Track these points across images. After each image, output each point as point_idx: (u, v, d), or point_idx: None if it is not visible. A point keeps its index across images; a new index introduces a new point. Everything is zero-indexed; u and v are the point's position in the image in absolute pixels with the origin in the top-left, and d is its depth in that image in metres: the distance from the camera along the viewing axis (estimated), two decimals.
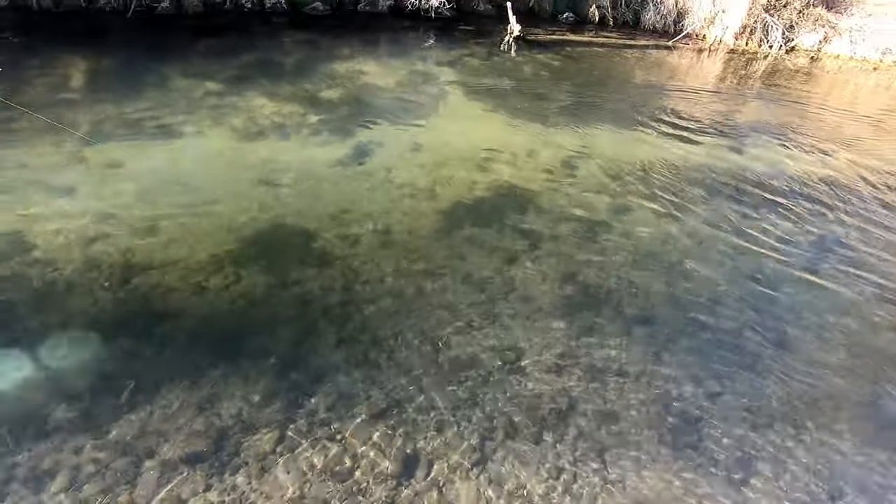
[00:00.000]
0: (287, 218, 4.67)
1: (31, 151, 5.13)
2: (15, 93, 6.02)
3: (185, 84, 6.64)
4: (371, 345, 3.64)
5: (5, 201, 4.49)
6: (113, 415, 3.04)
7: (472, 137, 6.22)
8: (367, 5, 9.19)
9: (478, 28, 9.38)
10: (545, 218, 5.04)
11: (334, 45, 8.19)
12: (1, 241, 4.08)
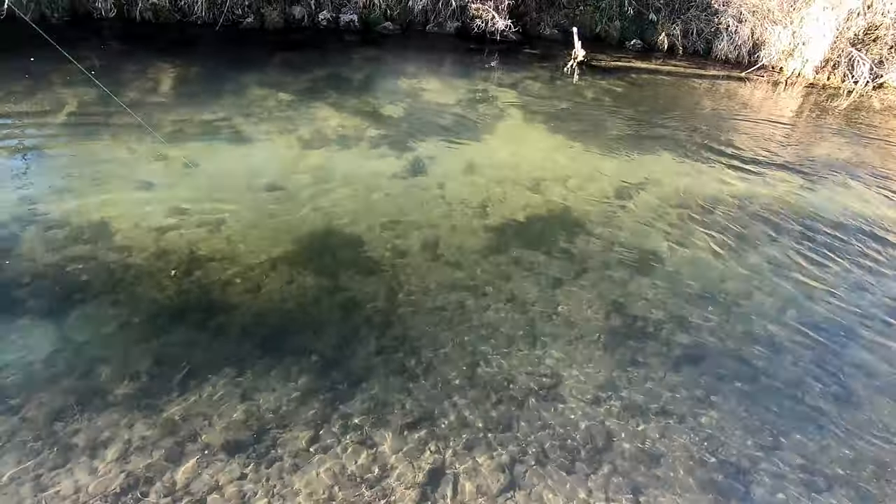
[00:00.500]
0: (340, 224, 4.84)
1: (119, 147, 5.63)
2: (117, 94, 6.64)
3: (260, 93, 7.08)
4: (409, 355, 3.68)
5: (94, 191, 4.94)
6: (165, 396, 3.24)
7: (528, 158, 6.23)
8: (435, 27, 9.48)
9: (542, 52, 9.44)
10: (596, 245, 4.94)
11: (400, 63, 8.49)
12: (87, 227, 4.48)
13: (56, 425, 3.02)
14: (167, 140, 5.77)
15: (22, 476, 2.76)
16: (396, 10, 9.32)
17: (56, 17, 8.18)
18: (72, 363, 3.37)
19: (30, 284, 3.90)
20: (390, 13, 9.34)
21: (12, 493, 2.69)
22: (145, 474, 2.83)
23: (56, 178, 5.10)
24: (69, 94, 6.57)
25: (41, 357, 3.37)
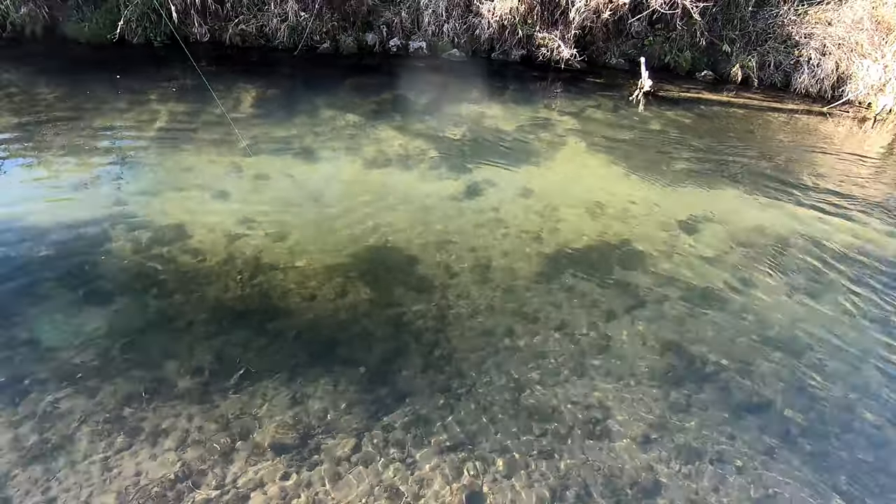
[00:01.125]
0: (396, 241, 4.98)
1: (201, 158, 6.11)
2: (202, 110, 7.26)
3: (331, 114, 7.48)
4: (455, 375, 3.69)
5: (175, 197, 5.37)
6: (222, 393, 3.43)
7: (587, 187, 6.15)
8: (500, 54, 9.67)
9: (607, 81, 9.37)
10: (654, 279, 4.77)
11: (464, 89, 8.70)
12: (167, 229, 4.88)
13: (126, 410, 3.26)
14: (244, 155, 6.20)
15: (93, 455, 2.99)
16: (464, 38, 9.61)
17: (158, 40, 9.09)
18: (144, 353, 3.64)
19: (116, 278, 4.28)
20: (457, 41, 9.64)
21: (84, 470, 2.92)
22: (199, 466, 2.99)
23: (145, 184, 5.61)
24: (162, 109, 7.25)
25: (118, 345, 3.68)
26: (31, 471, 2.91)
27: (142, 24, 8.97)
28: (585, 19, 9.08)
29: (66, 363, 3.52)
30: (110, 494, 2.82)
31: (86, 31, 8.97)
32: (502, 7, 9.05)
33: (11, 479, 2.86)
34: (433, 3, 9.36)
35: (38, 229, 4.76)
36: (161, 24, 9.01)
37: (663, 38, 9.62)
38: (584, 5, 8.90)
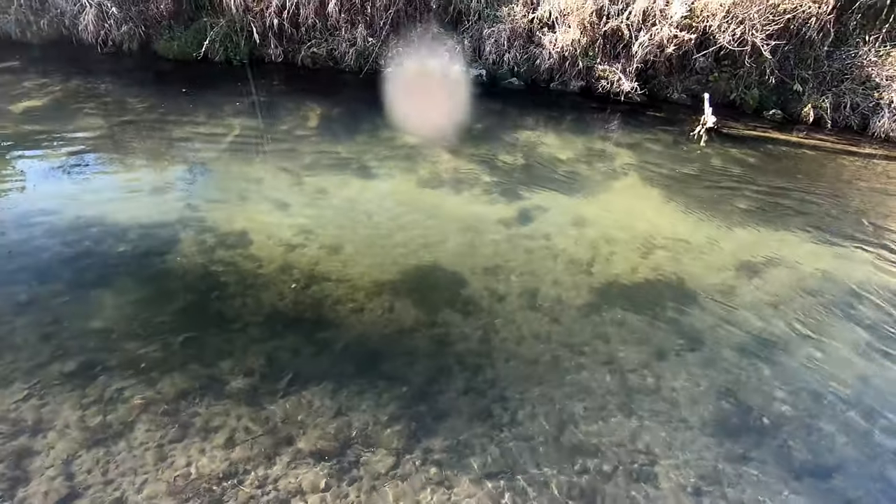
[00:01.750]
0: (445, 262, 5.03)
1: (267, 170, 6.45)
2: (271, 126, 7.70)
3: (389, 134, 7.74)
4: (497, 401, 3.65)
5: (240, 205, 5.68)
6: (271, 397, 3.54)
7: (641, 221, 6.02)
8: (559, 85, 9.73)
9: (668, 115, 9.21)
10: (709, 321, 4.57)
11: (521, 117, 8.80)
12: (231, 235, 5.15)
13: (181, 403, 3.43)
14: (306, 169, 6.51)
15: (149, 442, 3.15)
16: (523, 67, 9.76)
17: (237, 60, 9.77)
18: (202, 350, 3.83)
19: (182, 277, 4.55)
20: (517, 70, 9.80)
21: (139, 456, 3.08)
22: (244, 465, 3.08)
23: (214, 191, 5.97)
24: (235, 123, 7.73)
25: (180, 340, 3.89)
26: (94, 451, 3.09)
27: (224, 44, 9.68)
28: (648, 53, 9.02)
29: (132, 353, 3.76)
30: (162, 483, 2.95)
31: (174, 49, 9.78)
32: (564, 39, 9.15)
33: (76, 457, 3.05)
34: (496, 33, 9.59)
35: (118, 226, 5.15)
36: (241, 44, 9.71)
37: (729, 75, 9.39)
38: (648, 40, 8.86)
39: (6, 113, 7.50)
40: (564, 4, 9.09)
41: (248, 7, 9.52)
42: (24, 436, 3.15)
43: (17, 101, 7.87)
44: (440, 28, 9.96)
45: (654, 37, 8.86)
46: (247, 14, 9.56)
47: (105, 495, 2.88)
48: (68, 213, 5.28)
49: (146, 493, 2.90)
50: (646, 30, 8.96)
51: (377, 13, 9.54)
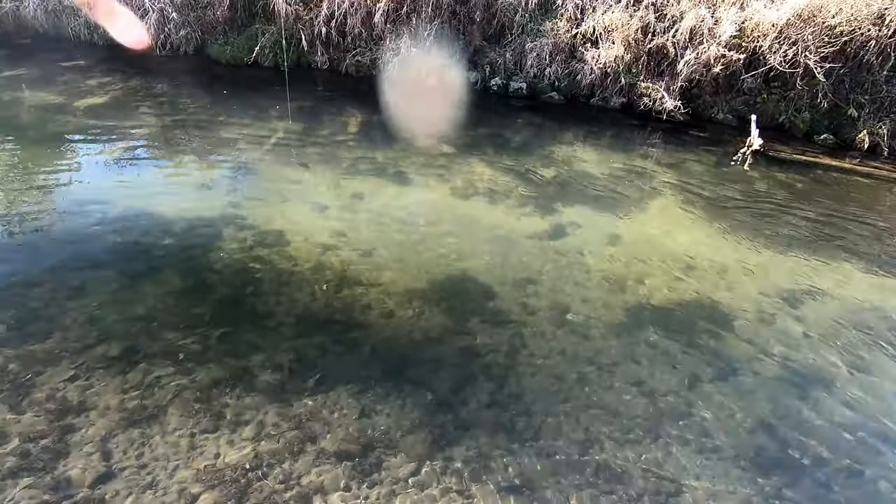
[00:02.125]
0: (475, 272, 5.04)
1: (306, 173, 6.64)
2: (312, 130, 7.93)
3: (426, 144, 7.84)
4: (521, 416, 3.61)
5: (280, 206, 5.86)
6: (298, 393, 3.61)
7: (678, 242, 5.88)
8: (600, 100, 9.65)
9: (711, 135, 8.99)
10: (747, 350, 4.41)
11: (559, 131, 8.76)
12: (269, 234, 5.31)
13: (213, 393, 3.54)
14: (344, 174, 6.66)
15: (182, 429, 3.27)
16: (564, 81, 9.73)
17: (285, 65, 10.12)
18: (236, 343, 3.95)
19: (221, 272, 4.72)
20: (558, 84, 9.78)
21: (172, 442, 3.20)
22: (269, 459, 3.15)
23: (255, 190, 6.18)
24: (280, 126, 8.00)
25: (217, 333, 4.02)
26: (130, 433, 3.23)
27: (273, 50, 10.06)
28: (694, 72, 8.86)
29: (171, 342, 3.91)
30: (191, 470, 3.04)
31: (227, 54, 10.22)
32: (607, 55, 9.08)
33: (113, 437, 3.19)
34: (538, 47, 9.61)
35: (164, 220, 5.39)
36: (289, 51, 10.06)
37: (779, 97, 9.11)
38: (695, 58, 8.70)
39: (71, 108, 7.99)
40: (609, 21, 9.05)
41: (299, 15, 9.88)
42: (68, 414, 3.31)
43: (81, 97, 8.38)
44: (483, 41, 10.07)
45: (701, 55, 8.70)
46: (297, 22, 9.92)
47: (139, 477, 2.99)
48: (120, 205, 5.56)
49: (177, 478, 3.00)
50: (692, 48, 8.81)
51: (422, 24, 9.72)
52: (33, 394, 3.43)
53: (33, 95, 8.32)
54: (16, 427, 3.21)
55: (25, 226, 5.12)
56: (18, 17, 10.44)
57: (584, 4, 9.38)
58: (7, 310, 4.07)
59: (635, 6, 9.07)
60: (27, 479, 2.94)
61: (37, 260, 4.66)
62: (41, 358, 3.69)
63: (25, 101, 8.10)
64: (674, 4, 8.92)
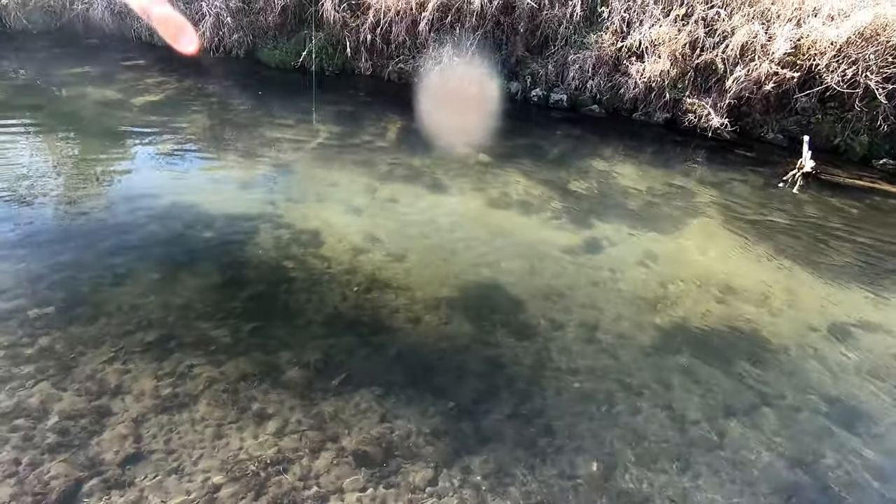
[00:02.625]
0: (504, 283, 4.99)
1: (344, 176, 6.76)
2: (353, 134, 8.09)
3: (464, 151, 7.87)
4: (543, 432, 3.54)
5: (317, 206, 5.98)
6: (323, 392, 3.65)
7: (718, 264, 5.66)
8: (643, 115, 9.46)
9: (759, 155, 8.65)
10: (788, 382, 4.18)
11: (599, 144, 8.63)
12: (305, 233, 5.43)
13: (241, 385, 3.63)
14: (380, 178, 6.75)
15: (209, 419, 3.36)
16: (606, 94, 9.59)
17: (329, 70, 10.39)
18: (266, 339, 4.04)
19: (257, 268, 4.85)
20: (599, 97, 9.65)
21: (199, 430, 3.29)
22: (290, 455, 3.20)
23: (294, 191, 6.33)
24: (322, 129, 8.20)
25: (248, 327, 4.13)
26: (160, 419, 3.34)
27: (320, 55, 10.35)
28: (744, 89, 8.57)
29: (205, 333, 4.04)
30: (215, 459, 3.12)
31: (276, 57, 10.58)
32: (652, 69, 8.91)
33: (145, 421, 3.31)
34: (581, 59, 9.52)
35: (206, 215, 5.59)
36: (335, 56, 10.33)
37: (835, 118, 8.69)
38: (745, 75, 8.42)
39: (128, 105, 8.44)
40: (656, 35, 8.88)
41: (346, 22, 10.14)
42: (105, 395, 3.46)
43: (138, 95, 8.84)
44: (525, 52, 10.06)
45: (752, 72, 8.42)
46: (343, 29, 10.18)
47: (165, 462, 3.09)
48: (166, 198, 5.81)
49: (201, 466, 3.08)
50: (743, 65, 8.53)
51: (465, 34, 9.80)
52: (75, 373, 3.60)
53: (96, 91, 8.83)
54: (58, 404, 3.38)
55: (80, 212, 5.42)
56: (87, 18, 11.13)
57: (631, 18, 9.25)
58: (58, 291, 4.30)
59: (684, 21, 8.87)
60: (63, 455, 3.08)
61: (88, 245, 4.91)
62: (85, 340, 3.88)
63: (89, 97, 8.60)
64: (725, 20, 8.68)
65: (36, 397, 3.41)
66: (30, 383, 3.51)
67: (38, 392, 3.45)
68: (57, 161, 6.55)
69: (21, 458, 3.04)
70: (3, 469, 2.97)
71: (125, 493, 2.92)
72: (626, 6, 9.29)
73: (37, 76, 9.28)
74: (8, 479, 2.93)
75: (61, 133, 7.36)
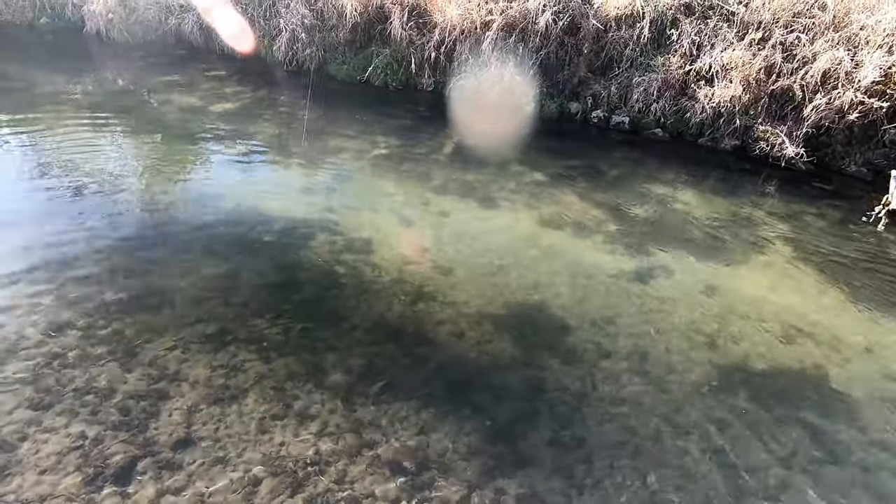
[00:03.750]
0: (552, 305, 4.90)
1: (399, 187, 6.92)
2: (410, 147, 8.28)
3: (518, 169, 7.85)
4: (582, 462, 3.42)
5: (371, 215, 6.15)
6: (363, 398, 3.72)
7: (785, 302, 5.29)
8: (709, 141, 9.07)
9: (838, 189, 8.06)
10: (859, 437, 3.82)
11: (659, 169, 8.35)
12: (358, 241, 5.59)
13: (287, 383, 3.76)
14: (434, 192, 6.86)
15: (254, 414, 3.50)
16: (671, 118, 9.29)
17: (393, 85, 10.73)
18: (313, 340, 4.18)
19: (310, 271, 5.04)
20: (664, 121, 9.36)
21: (245, 423, 3.43)
22: (327, 457, 3.27)
23: (351, 199, 6.55)
24: (381, 140, 8.45)
25: (298, 327, 4.29)
26: (211, 409, 3.52)
27: (385, 70, 10.72)
28: (824, 118, 8.04)
29: (258, 330, 4.23)
30: (257, 453, 3.24)
31: (343, 72, 11.06)
32: (722, 94, 8.55)
33: (198, 410, 3.50)
34: (646, 82, 9.30)
35: (268, 218, 5.88)
36: (399, 72, 10.66)
37: None
38: (826, 103, 7.91)
39: (207, 112, 9.07)
40: (728, 59, 8.54)
41: (412, 40, 10.45)
42: (164, 380, 3.70)
43: (216, 102, 9.49)
44: (588, 72, 9.95)
45: (834, 101, 7.89)
46: (409, 46, 10.50)
47: (212, 450, 3.25)
48: (233, 200, 6.17)
49: (245, 458, 3.21)
50: (824, 92, 8.02)
51: (527, 53, 9.84)
52: (140, 358, 3.87)
53: (180, 98, 9.57)
54: (123, 385, 3.64)
55: (157, 209, 5.87)
56: (179, 32, 12.13)
57: (702, 41, 8.95)
58: (132, 280, 4.66)
59: (759, 45, 8.48)
60: (124, 434, 3.30)
61: (162, 240, 5.30)
62: (151, 327, 4.17)
63: (174, 103, 9.34)
64: (805, 45, 8.22)
65: (105, 377, 3.69)
66: (101, 363, 3.80)
67: (107, 372, 3.73)
68: (141, 161, 7.14)
69: (88, 433, 3.29)
70: (71, 441, 3.22)
71: (174, 475, 3.09)
72: (697, 29, 9.01)
73: (131, 83, 10.19)
74: (74, 451, 3.18)
75: (146, 135, 8.02)
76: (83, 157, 6.96)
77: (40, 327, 4.04)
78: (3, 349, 3.81)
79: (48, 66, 10.60)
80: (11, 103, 8.72)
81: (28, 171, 6.53)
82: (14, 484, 2.95)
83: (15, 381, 3.58)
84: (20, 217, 5.45)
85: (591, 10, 9.67)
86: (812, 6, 8.45)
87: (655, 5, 9.28)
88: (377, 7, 10.73)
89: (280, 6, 11.28)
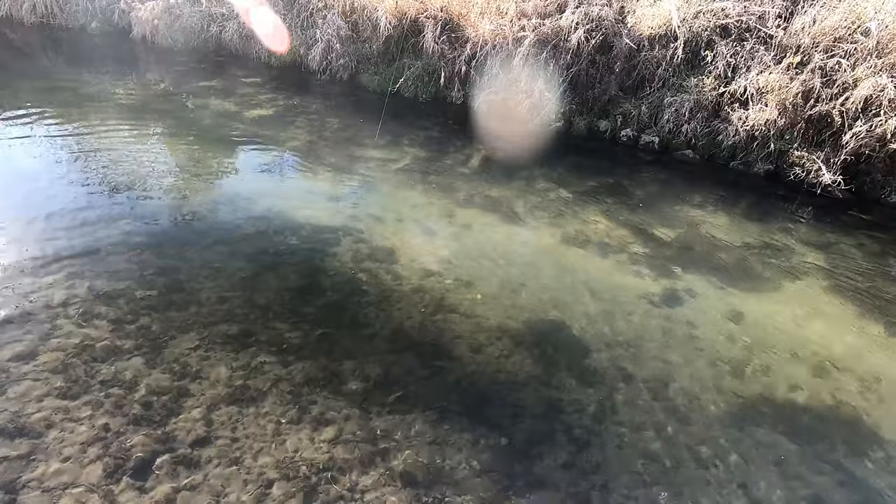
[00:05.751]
0: (573, 324, 4.84)
1: (424, 199, 6.95)
2: (437, 158, 8.34)
3: (544, 185, 7.82)
4: (598, 489, 3.34)
5: (396, 225, 6.19)
6: (379, 407, 3.71)
7: (817, 334, 5.10)
8: (741, 164, 8.88)
9: (878, 219, 7.77)
10: (894, 482, 3.63)
11: (688, 190, 8.20)
12: (381, 250, 5.63)
13: (304, 388, 3.78)
14: (458, 204, 6.88)
15: (271, 416, 3.53)
16: (703, 140, 9.15)
17: (423, 97, 10.85)
18: (332, 346, 4.21)
19: (333, 277, 5.10)
20: (695, 142, 9.22)
21: (262, 425, 3.46)
22: (340, 464, 3.27)
23: (376, 208, 6.61)
24: (409, 151, 8.54)
25: (317, 333, 4.32)
26: (229, 409, 3.56)
27: (415, 83, 10.87)
28: (864, 146, 7.80)
29: (279, 332, 4.28)
30: (271, 457, 3.26)
31: (374, 82, 11.25)
32: (757, 118, 8.39)
33: (216, 408, 3.55)
34: (677, 102, 9.19)
35: (294, 223, 5.99)
36: (429, 84, 10.79)
37: None
38: (867, 131, 7.67)
39: (242, 117, 9.33)
40: (764, 82, 8.38)
41: (443, 53, 10.59)
42: (186, 378, 3.77)
43: (251, 109, 9.75)
44: (618, 91, 9.90)
45: (876, 128, 7.65)
46: (441, 59, 10.63)
47: (229, 449, 3.28)
48: (262, 204, 6.30)
49: (259, 461, 3.23)
50: (865, 119, 7.79)
51: (558, 70, 9.85)
52: (165, 354, 3.96)
53: (217, 103, 9.87)
54: (146, 379, 3.72)
55: (189, 210, 6.03)
56: (220, 39, 12.56)
57: (737, 63, 8.82)
58: (161, 277, 4.79)
59: (797, 69, 8.31)
60: (145, 429, 3.37)
61: (192, 240, 5.44)
62: (177, 324, 4.26)
63: (211, 107, 9.64)
64: (847, 70, 8.01)
65: (130, 370, 3.78)
66: (127, 357, 3.90)
67: (132, 366, 3.82)
68: (175, 162, 7.37)
69: (110, 425, 3.37)
70: (95, 433, 3.30)
71: (190, 472, 3.13)
72: (733, 51, 8.89)
73: (172, 86, 10.57)
74: (98, 441, 3.25)
75: (182, 137, 8.29)
76: (122, 155, 7.23)
77: (73, 318, 4.18)
78: (37, 338, 3.95)
79: (95, 68, 11.09)
80: (59, 101, 9.14)
81: (68, 166, 6.80)
82: (38, 471, 3.04)
83: (46, 369, 3.70)
84: (59, 210, 5.68)
85: (624, 29, 9.65)
86: (854, 31, 8.25)
87: (690, 26, 9.20)
88: (411, 21, 10.92)
89: (317, 17, 11.58)
